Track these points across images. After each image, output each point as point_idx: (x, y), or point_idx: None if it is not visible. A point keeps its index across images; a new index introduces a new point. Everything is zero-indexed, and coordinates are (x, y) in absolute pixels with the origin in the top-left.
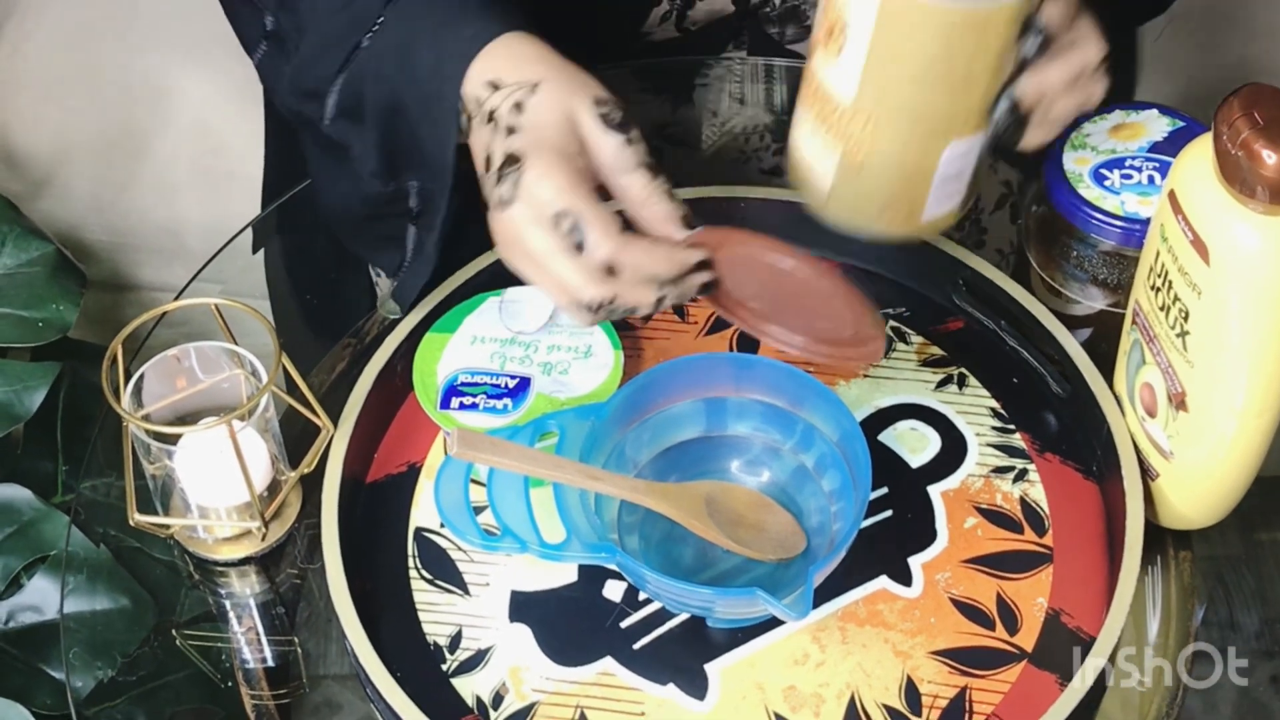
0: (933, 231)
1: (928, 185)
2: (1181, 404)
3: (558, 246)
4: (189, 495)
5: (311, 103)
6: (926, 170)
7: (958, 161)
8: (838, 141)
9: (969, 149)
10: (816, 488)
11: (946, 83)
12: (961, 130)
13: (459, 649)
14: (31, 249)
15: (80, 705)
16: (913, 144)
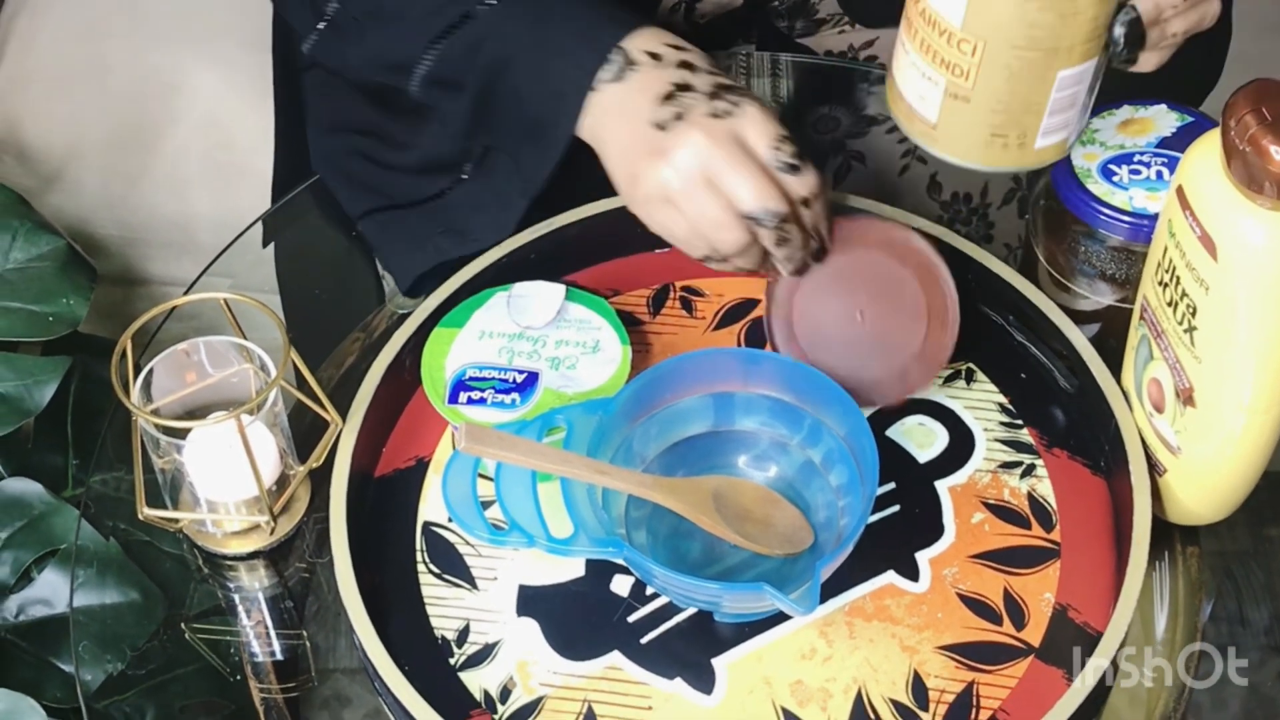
0: (1042, 162)
1: (1040, 114)
2: (1189, 399)
3: (770, 158)
4: (198, 489)
5: (397, 76)
6: (1038, 98)
7: (1071, 88)
8: (944, 70)
9: (1083, 74)
10: (824, 483)
11: (1059, 2)
12: (1075, 55)
13: (467, 643)
14: (42, 243)
15: (90, 698)
16: (1024, 71)
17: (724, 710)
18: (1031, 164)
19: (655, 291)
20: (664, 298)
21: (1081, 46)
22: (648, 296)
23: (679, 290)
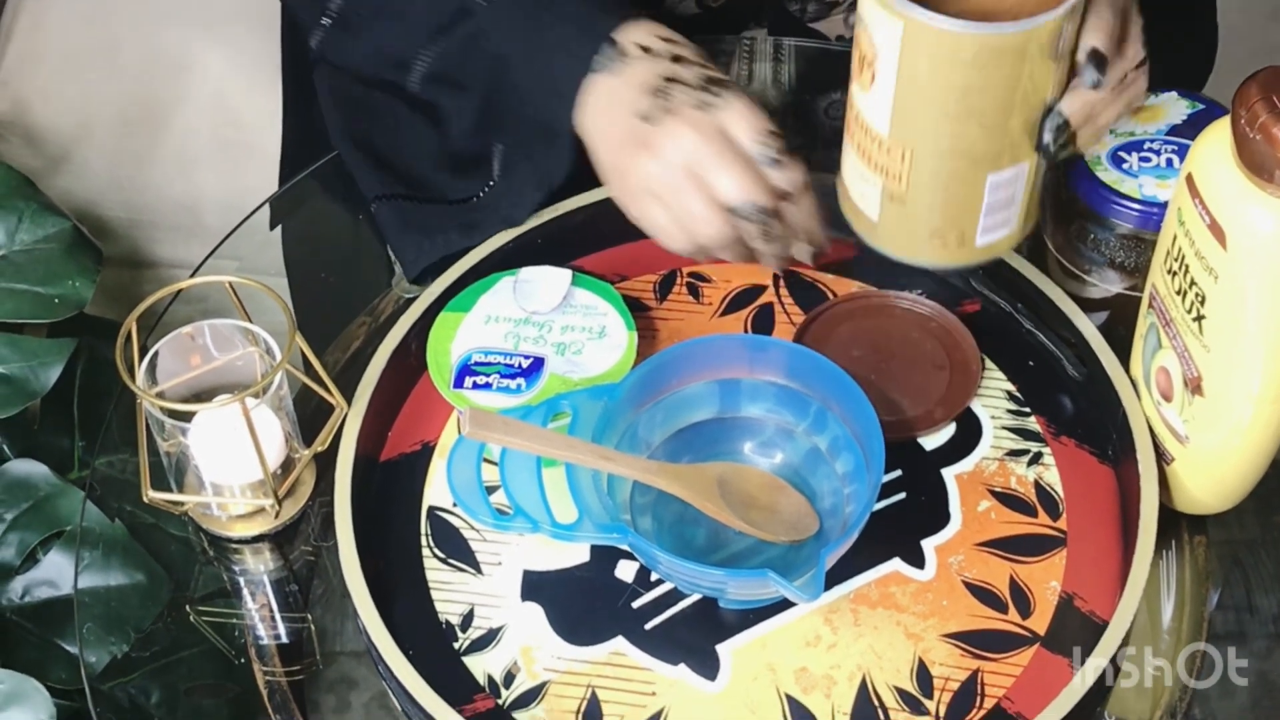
0: (990, 257)
1: (975, 215)
2: (1197, 389)
3: (755, 152)
4: (203, 472)
5: (398, 72)
6: (971, 201)
7: (1005, 189)
8: (879, 173)
9: (1016, 176)
10: (830, 470)
11: (979, 114)
12: (1004, 160)
13: (471, 628)
14: (48, 225)
15: (94, 680)
16: (953, 176)
17: (728, 697)
18: (976, 260)
19: (662, 277)
20: (670, 283)
21: (1009, 152)
22: (654, 282)
23: (686, 276)
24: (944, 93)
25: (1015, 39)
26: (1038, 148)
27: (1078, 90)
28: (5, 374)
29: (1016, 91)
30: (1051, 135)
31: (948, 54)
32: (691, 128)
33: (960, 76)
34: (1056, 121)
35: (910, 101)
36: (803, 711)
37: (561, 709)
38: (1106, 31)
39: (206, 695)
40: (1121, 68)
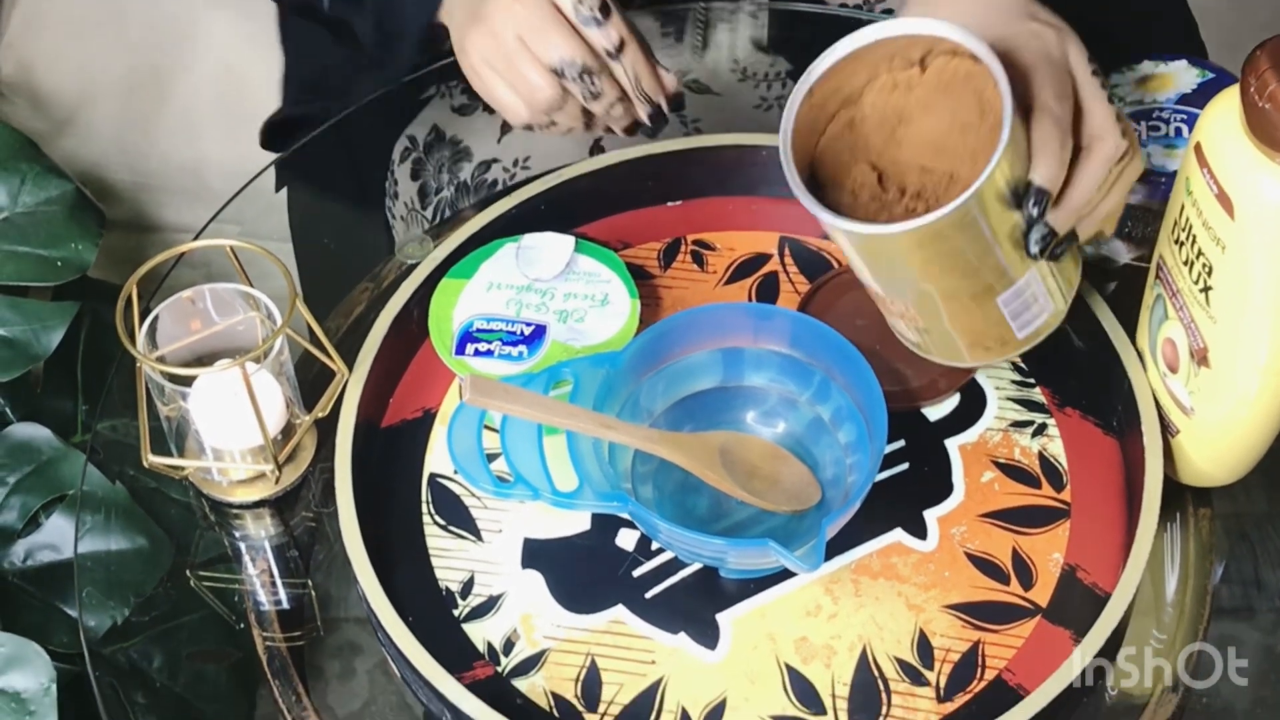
0: (1036, 340)
1: (1003, 325)
2: (1203, 360)
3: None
4: (203, 437)
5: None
6: (991, 319)
7: (1022, 297)
8: (897, 317)
9: (1026, 284)
10: (832, 440)
11: (954, 269)
12: (1003, 284)
13: (471, 595)
14: (51, 187)
15: (96, 644)
16: (960, 312)
17: (728, 665)
18: (1027, 348)
19: (666, 245)
20: (675, 251)
21: (1006, 276)
22: (658, 250)
23: (690, 244)
24: (910, 269)
25: (950, 218)
26: (1031, 259)
27: (1057, 203)
28: (7, 337)
29: (981, 241)
30: (1039, 248)
31: (894, 249)
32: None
33: (915, 256)
34: (1041, 233)
35: (886, 279)
36: (802, 681)
37: (561, 677)
38: (1051, 162)
39: (208, 660)
40: (1097, 165)
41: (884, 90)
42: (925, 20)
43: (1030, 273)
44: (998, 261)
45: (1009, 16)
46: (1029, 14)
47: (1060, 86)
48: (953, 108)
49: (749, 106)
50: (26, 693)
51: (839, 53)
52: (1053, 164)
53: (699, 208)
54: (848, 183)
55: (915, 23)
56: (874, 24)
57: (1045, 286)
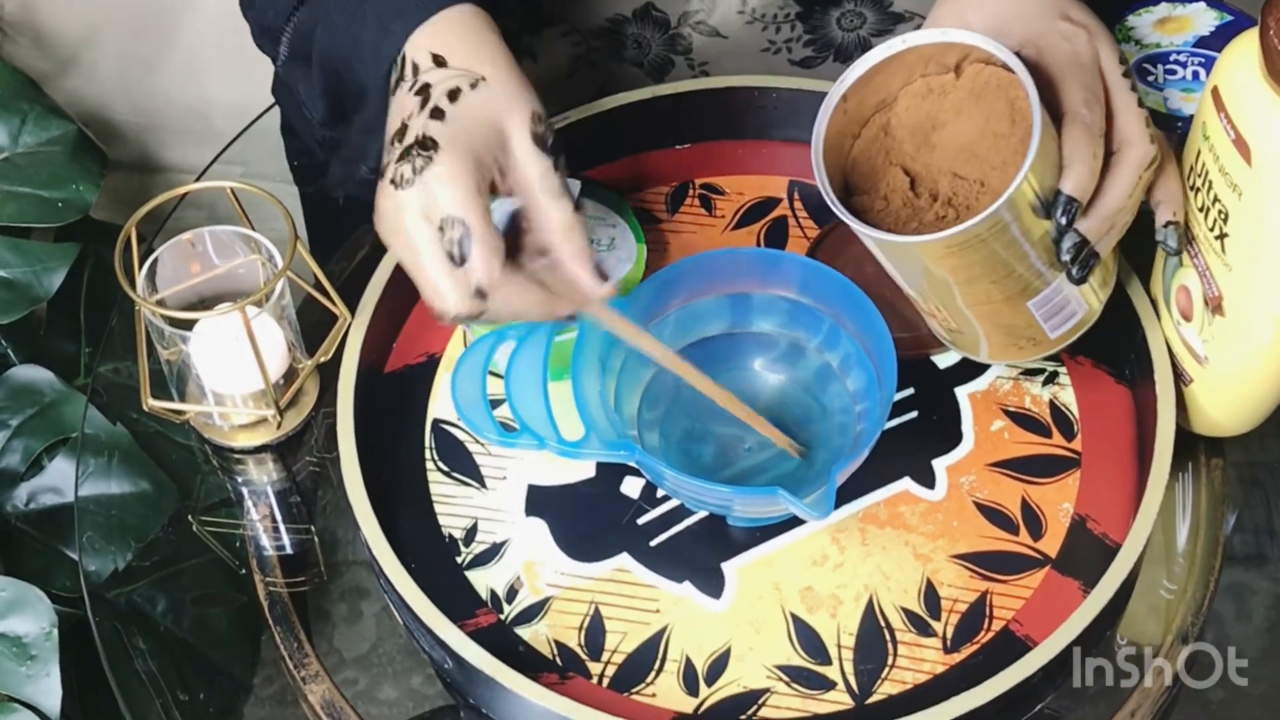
0: (1074, 338)
1: (1035, 327)
2: (1218, 308)
3: (437, 251)
4: (204, 381)
5: (268, 41)
6: (1022, 321)
7: (1052, 301)
8: (929, 316)
9: (1057, 288)
10: (841, 387)
11: (984, 276)
12: (1034, 288)
13: (474, 542)
14: (52, 128)
15: (99, 588)
16: (991, 315)
17: (732, 615)
18: (1062, 347)
19: (674, 189)
20: (683, 195)
21: (1037, 280)
22: (666, 194)
23: (698, 188)
24: (941, 275)
25: (978, 228)
26: (1062, 265)
27: (1086, 210)
28: (8, 279)
29: (1011, 249)
30: (1070, 256)
31: (923, 256)
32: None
33: (945, 264)
34: (1073, 240)
35: (917, 282)
36: (808, 631)
37: (564, 625)
38: (1082, 170)
39: (212, 604)
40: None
41: (918, 95)
42: (956, 30)
43: (1062, 277)
44: (1030, 267)
45: (1040, 17)
46: (1060, 13)
47: (1091, 92)
48: (985, 115)
49: (756, 50)
50: (28, 637)
51: (871, 60)
52: (1083, 173)
53: (707, 151)
54: (881, 187)
55: (947, 32)
56: (907, 33)
57: (1076, 290)
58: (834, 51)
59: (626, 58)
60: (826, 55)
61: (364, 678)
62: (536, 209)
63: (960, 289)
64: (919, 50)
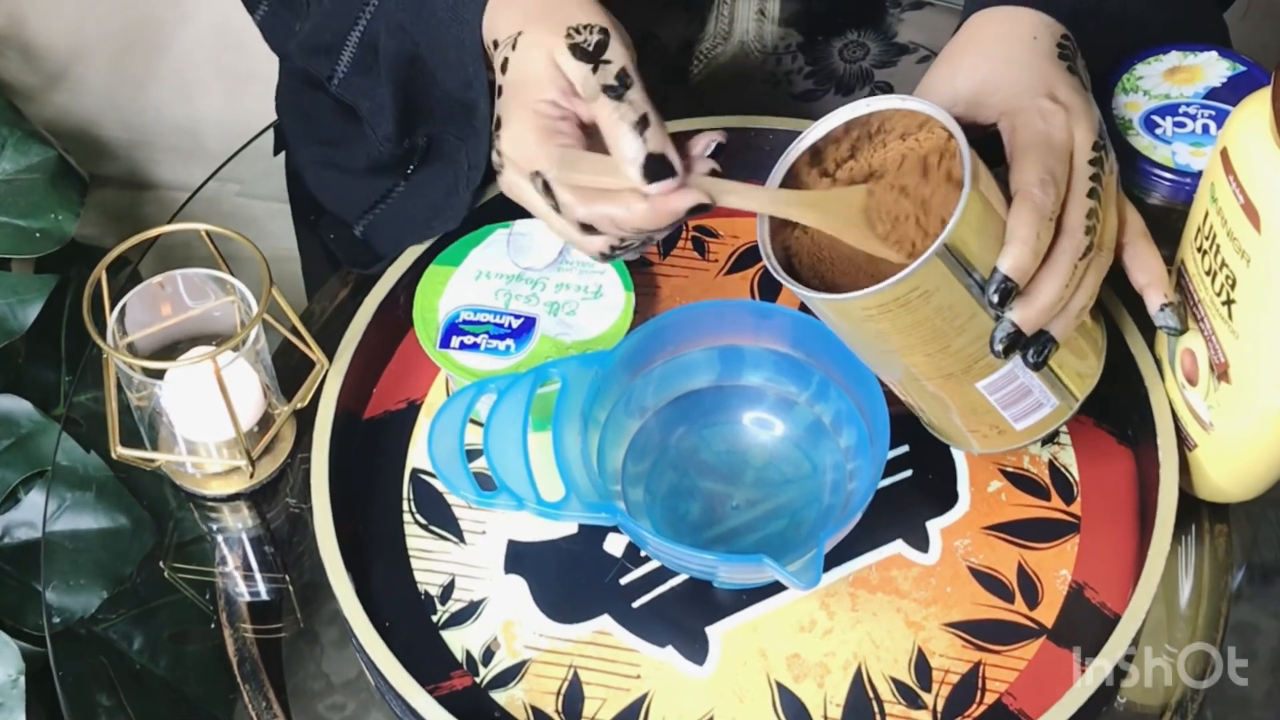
0: (1044, 433)
1: (993, 414)
2: (1224, 374)
3: (543, 203)
4: (176, 429)
5: (323, 59)
6: (979, 405)
7: (1007, 387)
8: (897, 390)
9: (1009, 374)
10: (833, 444)
11: (918, 346)
12: (980, 370)
13: (451, 600)
14: (32, 154)
15: (74, 626)
16: (942, 395)
17: (716, 682)
18: (1026, 440)
19: None
20: (675, 237)
21: (981, 363)
22: None
23: (691, 230)
24: (873, 338)
25: (895, 290)
26: (995, 355)
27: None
28: None
29: (940, 320)
30: (1002, 344)
31: (849, 314)
32: (505, 189)
33: (870, 328)
34: (1006, 330)
35: (857, 347)
36: (793, 701)
37: (541, 690)
38: (1023, 250)
39: (190, 641)
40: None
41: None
42: (906, 97)
43: (1014, 362)
44: (968, 345)
45: (1025, 92)
46: (1046, 91)
47: (1050, 173)
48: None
49: (757, 81)
50: None
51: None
52: (1023, 252)
53: None
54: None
55: (906, 100)
56: (856, 101)
57: (1042, 379)
58: (835, 84)
59: None
60: (828, 88)
61: (352, 703)
62: (593, 116)
63: (907, 360)
64: (871, 119)
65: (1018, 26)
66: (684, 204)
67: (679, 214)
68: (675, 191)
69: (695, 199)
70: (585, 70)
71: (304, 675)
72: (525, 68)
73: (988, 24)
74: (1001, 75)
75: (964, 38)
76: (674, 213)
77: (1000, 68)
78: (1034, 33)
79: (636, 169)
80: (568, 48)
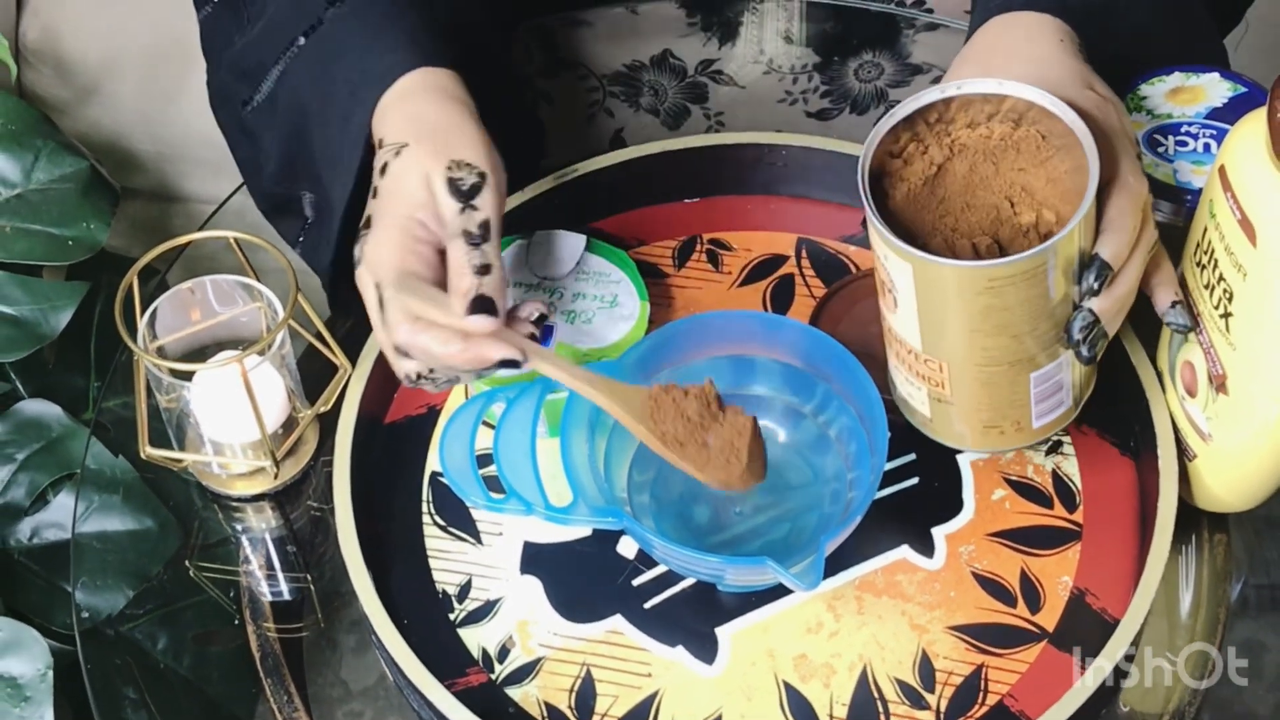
0: (1046, 434)
1: (1026, 407)
2: (1222, 386)
3: (376, 312)
4: (203, 430)
5: (245, 84)
6: (1018, 397)
7: (1051, 380)
8: (921, 381)
9: (1060, 366)
10: (836, 454)
11: (1006, 327)
12: (1042, 359)
13: (468, 599)
14: (65, 164)
15: (99, 625)
16: (993, 381)
17: (725, 681)
18: (1035, 440)
19: (681, 243)
20: (690, 250)
21: (1047, 351)
22: (673, 248)
23: (706, 243)
24: (966, 316)
25: (1024, 265)
26: (1068, 345)
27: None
28: (15, 316)
29: (1040, 302)
30: (1081, 334)
31: (960, 287)
32: (357, 278)
33: (978, 302)
34: (1087, 319)
35: (936, 324)
36: (800, 700)
37: (555, 687)
38: (1121, 239)
39: (213, 642)
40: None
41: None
42: (1014, 83)
43: (1064, 357)
44: (1045, 333)
45: (1069, 84)
46: (1087, 84)
47: (1135, 161)
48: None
49: (773, 100)
50: (23, 678)
51: (924, 100)
52: (1122, 240)
53: (716, 206)
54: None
55: (1003, 84)
56: (950, 82)
57: (1071, 377)
58: (850, 103)
59: (643, 105)
60: (843, 107)
61: (370, 709)
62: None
63: (978, 340)
64: (962, 99)
65: (1043, 28)
66: (495, 353)
67: (488, 361)
68: (489, 337)
69: (506, 351)
70: (455, 208)
71: (323, 683)
72: (402, 181)
73: (1012, 27)
74: (1041, 71)
75: (988, 39)
76: (483, 359)
77: (1035, 64)
78: (1059, 35)
79: (464, 303)
80: (445, 180)
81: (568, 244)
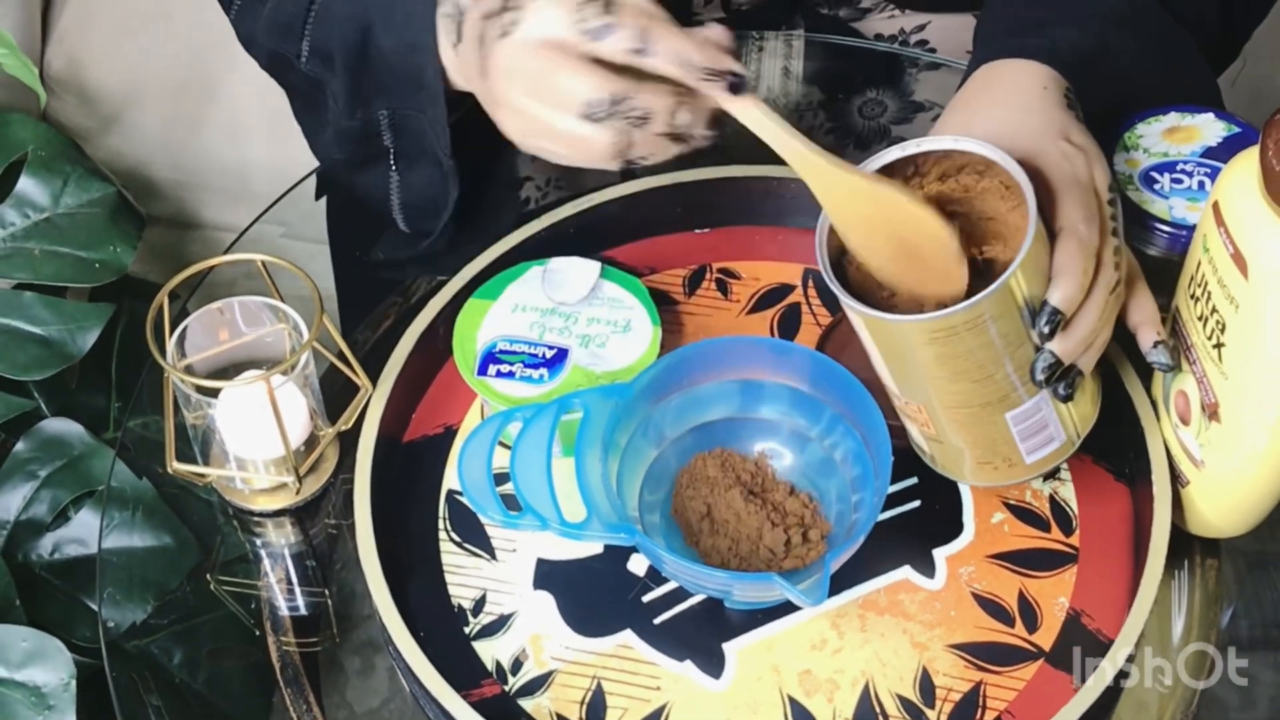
0: (1048, 468)
1: (1011, 446)
2: (1214, 414)
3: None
4: (227, 446)
5: (289, 38)
6: (1000, 436)
7: (1031, 419)
8: (911, 421)
9: (1036, 406)
10: (840, 476)
11: (965, 373)
12: (1013, 400)
13: (483, 613)
14: (93, 190)
15: (118, 640)
16: (970, 423)
17: (731, 695)
18: (1033, 475)
19: (692, 271)
20: (700, 278)
21: (1016, 393)
22: (684, 276)
23: (715, 272)
24: (922, 364)
25: (963, 316)
26: (1037, 385)
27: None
28: (43, 336)
29: (989, 350)
30: (1044, 374)
31: (906, 338)
32: (509, 60)
33: (929, 352)
34: (1047, 360)
35: (901, 371)
36: (804, 714)
37: (566, 699)
38: (1071, 283)
39: (228, 659)
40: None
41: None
42: (965, 139)
43: (1042, 395)
44: (1008, 375)
45: (1043, 135)
46: (1062, 134)
47: (1089, 210)
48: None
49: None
50: (46, 687)
51: (884, 159)
52: (1072, 286)
53: (726, 236)
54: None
55: (958, 140)
56: (920, 137)
57: (1058, 414)
58: (854, 139)
59: None
60: (847, 144)
61: None
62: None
63: (941, 387)
64: (917, 159)
65: (1028, 77)
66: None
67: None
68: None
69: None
70: None
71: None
72: None
73: (999, 75)
74: (1019, 120)
75: (975, 87)
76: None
77: (1016, 114)
78: (1044, 83)
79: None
80: None
81: (583, 271)
